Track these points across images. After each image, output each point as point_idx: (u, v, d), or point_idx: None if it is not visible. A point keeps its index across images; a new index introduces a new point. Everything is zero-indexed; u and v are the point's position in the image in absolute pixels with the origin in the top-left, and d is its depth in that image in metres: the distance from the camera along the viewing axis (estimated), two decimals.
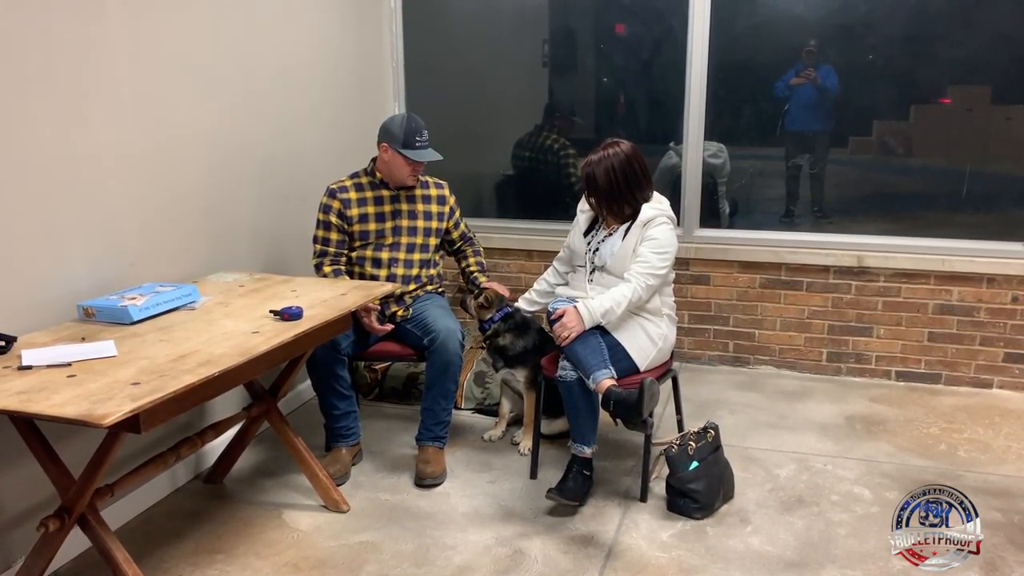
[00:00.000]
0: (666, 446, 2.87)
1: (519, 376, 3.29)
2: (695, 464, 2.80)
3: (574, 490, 2.83)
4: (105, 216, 2.65)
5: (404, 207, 3.25)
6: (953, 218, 4.04)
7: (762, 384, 4.07)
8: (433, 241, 3.31)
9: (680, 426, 3.29)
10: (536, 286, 3.28)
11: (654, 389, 2.62)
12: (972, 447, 3.34)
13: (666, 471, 2.87)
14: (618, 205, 2.92)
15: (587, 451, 2.87)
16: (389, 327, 3.15)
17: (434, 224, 3.30)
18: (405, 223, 3.24)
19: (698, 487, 2.79)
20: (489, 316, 3.26)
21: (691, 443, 2.83)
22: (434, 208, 3.31)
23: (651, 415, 2.77)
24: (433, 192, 3.34)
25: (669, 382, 3.20)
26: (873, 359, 4.08)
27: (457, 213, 3.41)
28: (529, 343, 3.26)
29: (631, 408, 2.60)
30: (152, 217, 2.85)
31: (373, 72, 4.36)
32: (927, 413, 3.69)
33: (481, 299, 3.25)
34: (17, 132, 2.32)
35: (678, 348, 3.54)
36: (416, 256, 3.26)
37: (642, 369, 2.91)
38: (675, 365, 3.22)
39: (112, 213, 2.68)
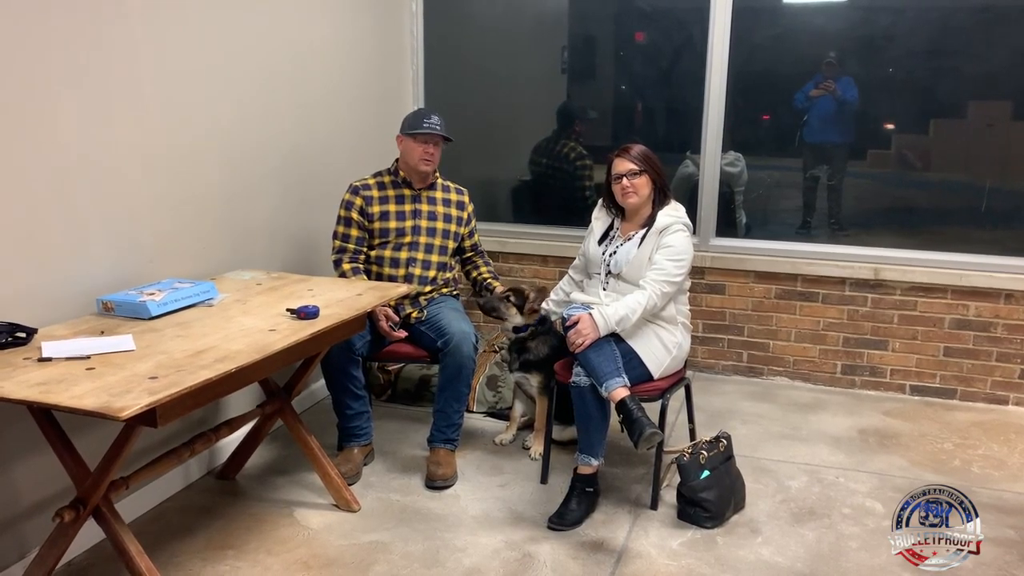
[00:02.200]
0: (678, 454, 2.86)
1: (533, 381, 3.29)
2: (706, 473, 2.79)
3: (576, 514, 2.82)
4: (125, 213, 2.68)
5: (424, 207, 3.28)
6: (972, 233, 4.02)
7: (775, 395, 4.05)
8: (451, 244, 3.33)
9: (692, 435, 3.28)
10: (552, 295, 3.28)
11: (653, 440, 2.63)
12: (986, 463, 3.32)
13: (677, 479, 2.86)
14: (652, 172, 2.93)
15: (593, 464, 2.84)
16: (404, 333, 3.16)
17: (452, 227, 3.32)
18: (424, 223, 3.26)
19: (709, 496, 2.78)
20: (529, 321, 3.25)
21: (703, 452, 2.83)
22: (453, 212, 3.33)
23: (661, 444, 2.80)
24: (453, 197, 3.36)
25: (682, 390, 3.19)
26: (888, 373, 4.06)
27: (473, 223, 3.43)
28: (551, 350, 3.26)
29: (632, 434, 2.63)
30: (171, 214, 2.88)
31: (393, 75, 4.39)
32: (941, 428, 3.66)
33: (536, 304, 3.24)
34: (41, 130, 2.36)
35: (692, 357, 3.54)
36: (434, 258, 3.27)
37: (656, 377, 2.91)
38: (688, 374, 3.22)
39: (132, 210, 2.71)
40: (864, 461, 3.32)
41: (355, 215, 3.20)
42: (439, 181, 3.34)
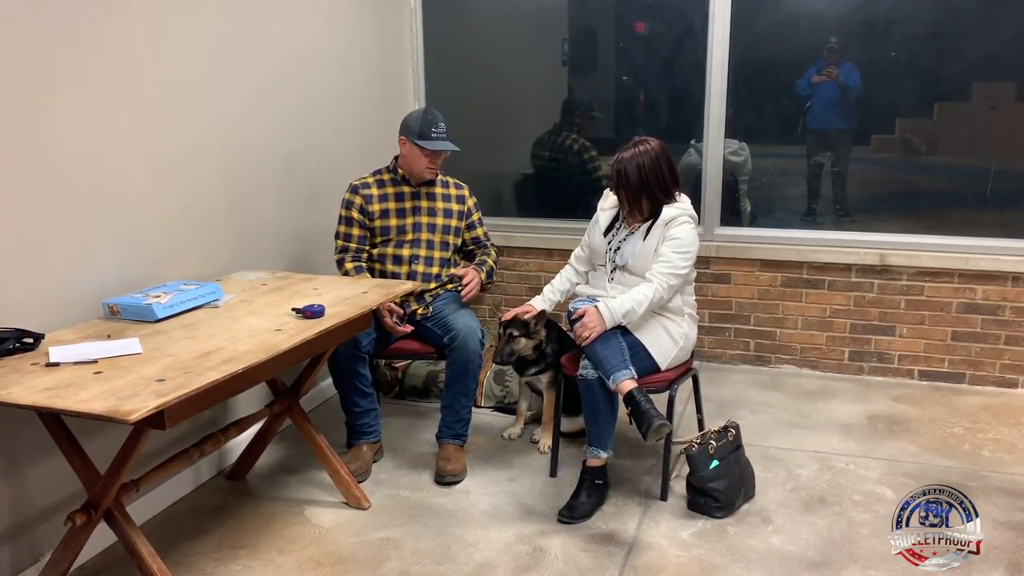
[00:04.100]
0: (687, 445, 2.86)
1: (544, 378, 3.28)
2: (716, 463, 2.79)
3: (587, 507, 2.82)
4: (130, 215, 2.69)
5: (424, 204, 3.27)
6: (978, 216, 4.00)
7: (783, 383, 4.04)
8: (453, 240, 3.32)
9: (701, 425, 3.28)
10: (557, 285, 3.20)
11: (662, 432, 2.64)
12: (997, 447, 3.31)
13: (687, 470, 2.86)
14: (647, 201, 2.89)
15: (603, 456, 2.85)
16: (409, 328, 3.17)
17: (453, 223, 3.32)
18: (425, 220, 3.26)
19: (719, 486, 2.78)
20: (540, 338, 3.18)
21: (712, 442, 2.82)
22: (454, 207, 3.33)
23: (669, 435, 2.80)
24: (453, 192, 3.35)
25: (690, 381, 3.19)
26: (896, 358, 4.04)
27: (475, 216, 3.40)
28: (557, 347, 3.24)
29: (641, 425, 2.64)
30: (176, 216, 2.88)
31: (394, 71, 4.38)
32: (951, 413, 3.65)
33: (540, 326, 3.13)
34: (45, 135, 2.36)
35: (699, 347, 3.53)
36: (436, 254, 3.27)
37: (663, 368, 2.90)
38: (696, 364, 3.22)
39: (137, 212, 2.71)
40: (874, 448, 3.32)
41: (355, 214, 3.20)
42: (438, 177, 3.33)
